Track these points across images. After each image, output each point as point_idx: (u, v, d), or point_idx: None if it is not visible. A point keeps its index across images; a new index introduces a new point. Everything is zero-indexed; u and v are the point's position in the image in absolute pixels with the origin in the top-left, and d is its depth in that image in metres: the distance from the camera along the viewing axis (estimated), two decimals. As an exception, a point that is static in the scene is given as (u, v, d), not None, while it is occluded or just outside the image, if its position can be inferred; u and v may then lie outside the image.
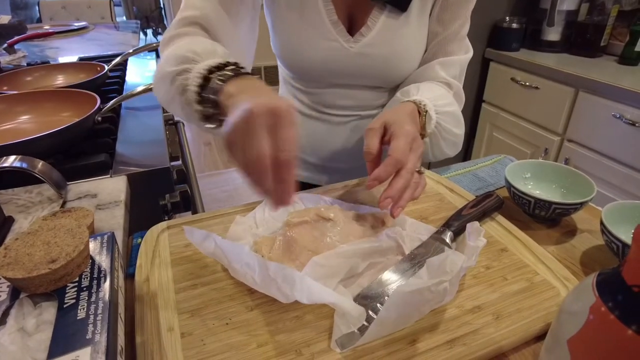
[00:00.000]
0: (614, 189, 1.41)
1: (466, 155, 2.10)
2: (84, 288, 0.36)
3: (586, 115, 1.47)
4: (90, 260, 0.39)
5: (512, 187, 0.57)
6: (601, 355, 0.25)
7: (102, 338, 0.32)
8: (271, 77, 3.67)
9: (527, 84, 1.66)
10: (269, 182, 0.37)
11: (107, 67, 1.08)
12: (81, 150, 0.74)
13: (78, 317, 0.33)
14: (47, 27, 1.94)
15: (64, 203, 0.58)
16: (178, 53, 0.53)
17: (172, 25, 0.60)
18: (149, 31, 5.38)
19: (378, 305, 0.41)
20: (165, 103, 0.58)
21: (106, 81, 1.11)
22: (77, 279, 0.37)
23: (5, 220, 0.53)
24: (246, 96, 0.41)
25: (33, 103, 0.83)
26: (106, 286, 0.37)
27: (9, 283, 0.36)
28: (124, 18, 4.92)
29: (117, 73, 1.23)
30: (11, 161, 0.56)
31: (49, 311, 0.34)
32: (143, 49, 1.35)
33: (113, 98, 0.86)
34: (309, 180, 0.85)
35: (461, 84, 0.73)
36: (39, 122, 0.82)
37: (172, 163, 0.78)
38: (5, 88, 0.96)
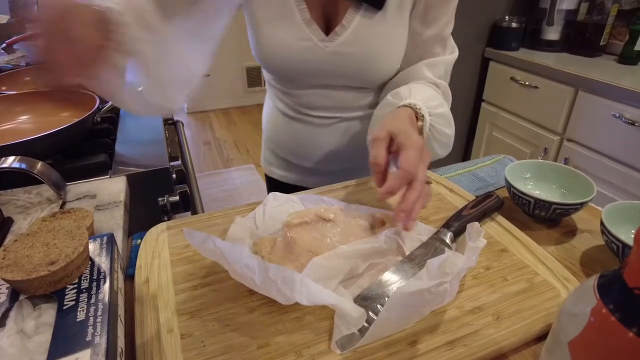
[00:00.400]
0: (614, 189, 1.41)
1: (466, 155, 2.10)
2: (84, 290, 0.36)
3: (586, 114, 1.47)
4: (89, 261, 0.39)
5: (512, 187, 0.57)
6: (602, 357, 0.25)
7: (102, 340, 0.31)
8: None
9: (527, 84, 1.66)
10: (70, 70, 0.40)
11: (106, 67, 1.08)
12: (80, 150, 0.74)
13: (78, 319, 0.33)
14: (46, 27, 1.93)
15: (63, 204, 0.58)
16: None
17: None
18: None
19: (378, 306, 0.41)
20: None
21: (105, 81, 1.10)
22: (77, 281, 0.37)
23: (4, 221, 0.53)
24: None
25: (32, 103, 0.83)
26: (106, 288, 0.36)
27: (8, 285, 0.36)
28: (123, 17, 4.91)
29: (116, 73, 1.22)
30: (10, 162, 0.55)
31: (49, 313, 0.34)
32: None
33: (112, 98, 0.86)
34: (298, 182, 0.85)
35: (447, 83, 0.72)
36: (38, 123, 0.81)
37: (172, 163, 0.78)
38: (4, 88, 0.96)
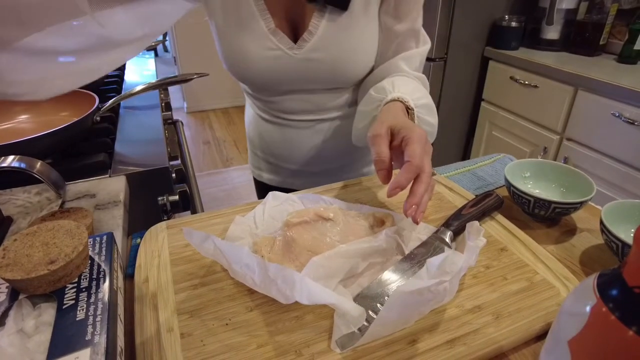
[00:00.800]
0: (614, 188, 1.41)
1: (465, 154, 2.10)
2: (83, 289, 0.36)
3: (585, 114, 1.47)
4: (89, 261, 0.39)
5: (512, 187, 0.57)
6: (602, 356, 0.25)
7: (102, 339, 0.31)
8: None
9: (526, 83, 1.66)
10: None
11: (106, 66, 1.07)
12: (80, 150, 0.74)
13: (77, 318, 0.33)
14: (45, 26, 1.93)
15: (63, 203, 0.58)
16: None
17: None
18: None
19: (378, 305, 0.41)
20: None
21: (105, 80, 1.11)
22: (76, 280, 0.37)
23: (3, 220, 0.53)
24: None
25: (31, 103, 0.83)
26: (105, 287, 0.36)
27: (8, 284, 0.36)
28: (123, 17, 4.90)
29: (116, 72, 1.22)
30: (9, 161, 0.55)
31: (48, 312, 0.34)
32: (142, 48, 1.34)
33: (112, 97, 0.86)
34: (286, 185, 0.85)
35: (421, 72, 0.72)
36: (37, 122, 0.81)
37: (171, 162, 0.77)
38: (3, 87, 0.96)
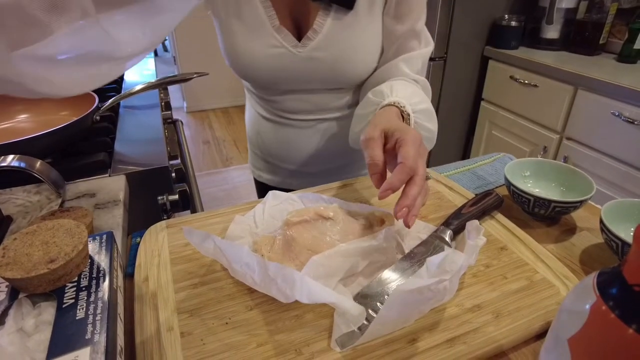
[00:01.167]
0: (613, 187, 1.41)
1: (465, 153, 2.10)
2: (83, 288, 0.36)
3: (585, 113, 1.47)
4: (89, 260, 0.39)
5: (512, 186, 0.57)
6: (602, 354, 0.25)
7: (102, 338, 0.31)
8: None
9: (526, 82, 1.66)
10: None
11: (105, 66, 1.07)
12: (79, 149, 0.74)
13: (77, 317, 0.33)
14: (45, 26, 1.93)
15: (63, 202, 0.58)
16: None
17: None
18: None
19: (378, 304, 0.41)
20: None
21: (104, 80, 1.10)
22: (76, 279, 0.37)
23: (3, 219, 0.53)
24: None
25: (31, 102, 0.83)
26: (105, 286, 0.36)
27: (8, 283, 0.36)
28: (122, 16, 4.90)
29: (116, 72, 1.22)
30: (9, 160, 0.55)
31: (48, 311, 0.34)
32: (141, 48, 1.34)
33: (111, 97, 0.86)
34: (285, 185, 0.85)
35: (424, 76, 0.71)
36: (37, 121, 0.81)
37: (171, 162, 0.77)
38: (2, 87, 0.96)
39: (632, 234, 0.24)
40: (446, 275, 0.37)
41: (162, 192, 0.71)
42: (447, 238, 0.49)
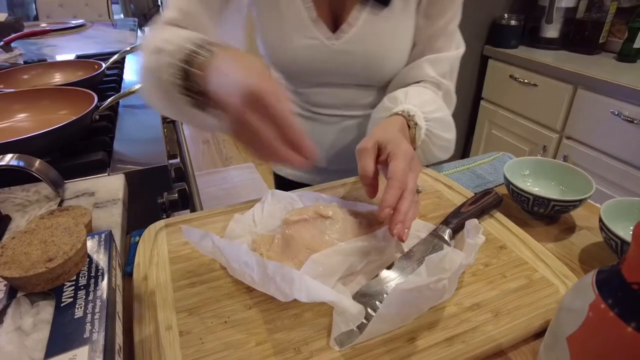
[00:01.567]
0: (613, 186, 1.41)
1: (465, 152, 2.10)
2: (82, 287, 0.36)
3: (584, 112, 1.47)
4: (87, 258, 0.39)
5: (511, 184, 0.57)
6: (601, 352, 0.25)
7: (100, 337, 0.31)
8: None
9: (526, 81, 1.66)
10: (286, 153, 0.39)
11: (105, 65, 1.07)
12: (78, 148, 0.73)
13: (76, 316, 0.33)
14: (44, 25, 1.93)
15: (62, 201, 0.58)
16: (154, 45, 0.50)
17: (153, 27, 0.59)
18: (147, 29, 5.37)
19: (377, 302, 0.41)
20: (150, 98, 0.56)
21: (103, 79, 1.10)
22: (75, 278, 0.37)
23: (2, 218, 0.53)
24: (226, 80, 0.40)
25: (30, 101, 0.83)
26: (104, 285, 0.36)
27: (6, 282, 0.36)
28: (122, 16, 4.90)
29: (115, 71, 1.22)
30: (8, 159, 0.55)
31: (47, 310, 0.34)
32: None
33: (110, 96, 0.86)
34: (300, 179, 0.85)
35: (453, 83, 0.71)
36: (36, 121, 0.81)
37: (170, 161, 0.77)
38: (1, 86, 0.96)
39: (631, 233, 0.24)
40: (445, 274, 0.37)
41: (162, 191, 0.71)
42: (446, 237, 0.49)
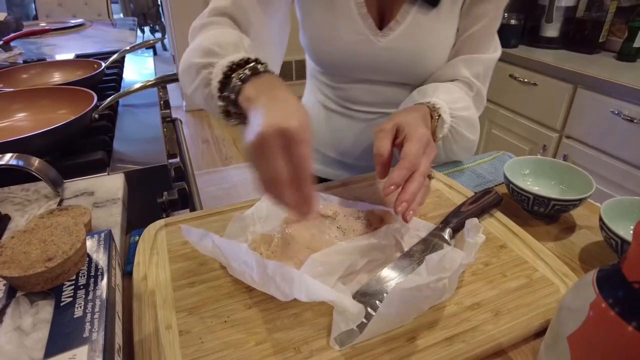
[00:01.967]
0: (613, 186, 1.41)
1: (465, 152, 2.10)
2: (81, 286, 0.36)
3: (584, 111, 1.47)
4: (87, 258, 0.39)
5: (511, 184, 0.57)
6: (601, 351, 0.25)
7: (100, 336, 0.31)
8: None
9: (526, 81, 1.66)
10: (289, 197, 0.38)
11: (104, 65, 1.07)
12: (78, 147, 0.73)
13: (75, 316, 0.33)
14: (44, 25, 1.93)
15: (61, 201, 0.58)
16: (204, 45, 0.53)
17: (203, 14, 0.61)
18: (147, 28, 5.37)
19: (377, 302, 0.41)
20: (189, 92, 0.59)
21: (103, 78, 1.10)
22: (74, 277, 0.37)
23: (1, 218, 0.53)
24: (261, 105, 0.41)
25: (29, 101, 0.83)
26: (103, 284, 0.36)
27: (5, 282, 0.36)
28: (121, 15, 4.90)
29: (114, 70, 1.22)
30: (7, 159, 0.55)
31: (46, 310, 0.34)
32: (140, 46, 1.34)
33: (110, 95, 0.86)
34: (325, 174, 0.85)
35: (486, 85, 0.71)
36: (36, 120, 0.81)
37: (170, 160, 0.77)
38: (1, 85, 0.96)
39: (632, 232, 0.24)
40: (445, 273, 0.36)
41: (161, 191, 0.71)
42: (447, 236, 0.49)
